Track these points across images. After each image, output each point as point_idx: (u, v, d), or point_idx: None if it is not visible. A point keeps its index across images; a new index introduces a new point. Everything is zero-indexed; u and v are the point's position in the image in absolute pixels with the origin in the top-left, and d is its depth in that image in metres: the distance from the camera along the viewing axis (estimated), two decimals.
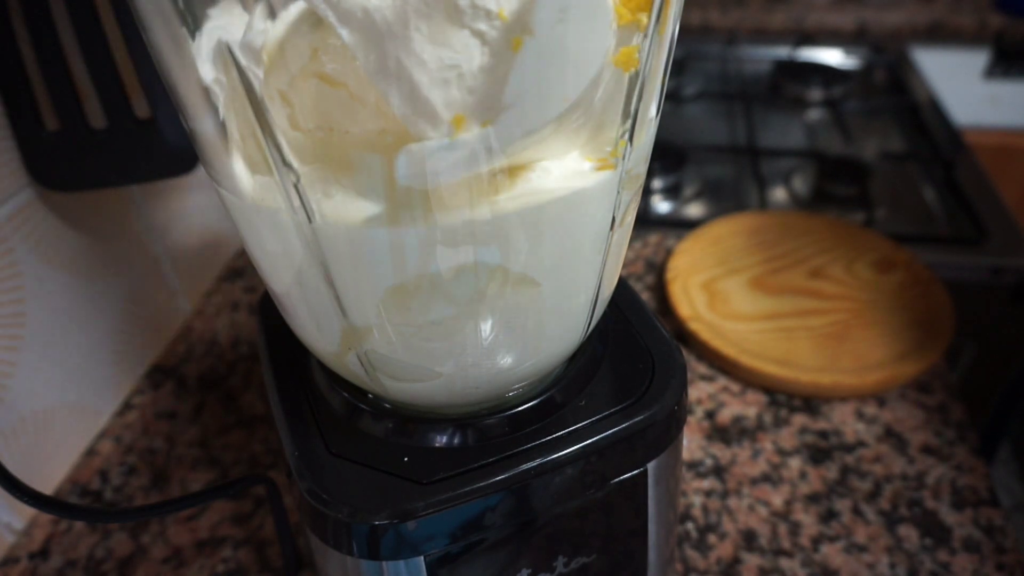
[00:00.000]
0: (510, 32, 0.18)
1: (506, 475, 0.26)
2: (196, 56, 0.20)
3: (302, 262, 0.23)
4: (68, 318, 0.48)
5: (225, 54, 0.19)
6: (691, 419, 0.52)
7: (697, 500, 0.46)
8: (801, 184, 0.82)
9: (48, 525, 0.46)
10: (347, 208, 0.21)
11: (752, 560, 0.42)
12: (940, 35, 1.20)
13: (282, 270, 0.24)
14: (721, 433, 0.51)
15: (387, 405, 0.29)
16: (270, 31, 0.21)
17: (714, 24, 1.25)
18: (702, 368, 0.56)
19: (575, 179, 0.22)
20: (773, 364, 0.53)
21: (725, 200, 0.82)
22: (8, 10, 0.38)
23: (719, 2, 1.29)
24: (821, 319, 0.57)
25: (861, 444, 0.49)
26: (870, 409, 0.52)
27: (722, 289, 0.61)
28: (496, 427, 0.28)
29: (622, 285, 0.35)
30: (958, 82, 1.24)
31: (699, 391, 0.54)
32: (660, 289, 0.64)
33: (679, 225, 0.76)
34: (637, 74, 0.21)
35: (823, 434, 0.50)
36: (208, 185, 0.63)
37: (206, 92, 0.20)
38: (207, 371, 0.57)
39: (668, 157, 0.84)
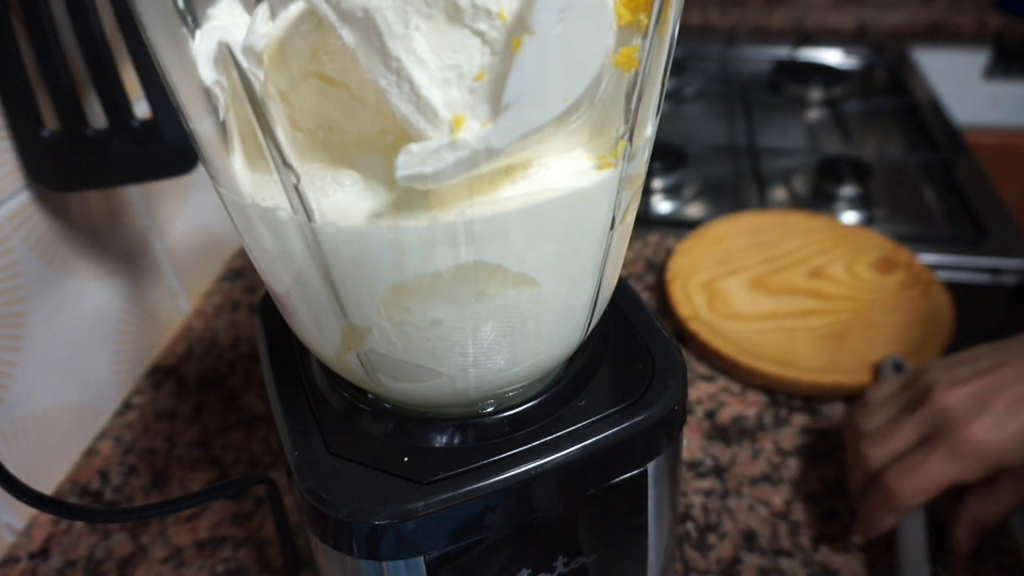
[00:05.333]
0: (510, 32, 0.18)
1: (506, 475, 0.26)
2: (196, 57, 0.20)
3: (302, 262, 0.23)
4: (68, 318, 0.48)
5: (226, 55, 0.19)
6: (691, 419, 0.52)
7: (697, 500, 0.46)
8: (801, 184, 0.82)
9: (48, 525, 0.46)
10: (347, 208, 0.21)
11: (752, 560, 0.42)
12: (940, 35, 1.20)
13: (282, 270, 0.24)
14: (721, 433, 0.51)
15: (387, 405, 0.29)
16: (270, 31, 0.21)
17: (714, 24, 1.25)
18: (702, 368, 0.56)
19: (575, 179, 0.22)
20: (773, 364, 0.53)
21: (725, 200, 0.82)
22: (8, 10, 0.38)
23: (719, 2, 1.29)
24: (821, 319, 0.57)
25: None
26: None
27: (722, 289, 0.61)
28: (496, 427, 0.28)
29: (622, 285, 0.35)
30: (958, 82, 1.24)
31: (699, 391, 0.54)
32: (660, 289, 0.64)
33: (679, 225, 0.76)
34: (637, 74, 0.21)
35: (823, 434, 0.50)
36: (208, 185, 0.63)
37: (206, 93, 0.20)
38: (207, 371, 0.57)
39: (668, 157, 0.84)
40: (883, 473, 0.39)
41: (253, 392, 0.55)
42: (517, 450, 0.27)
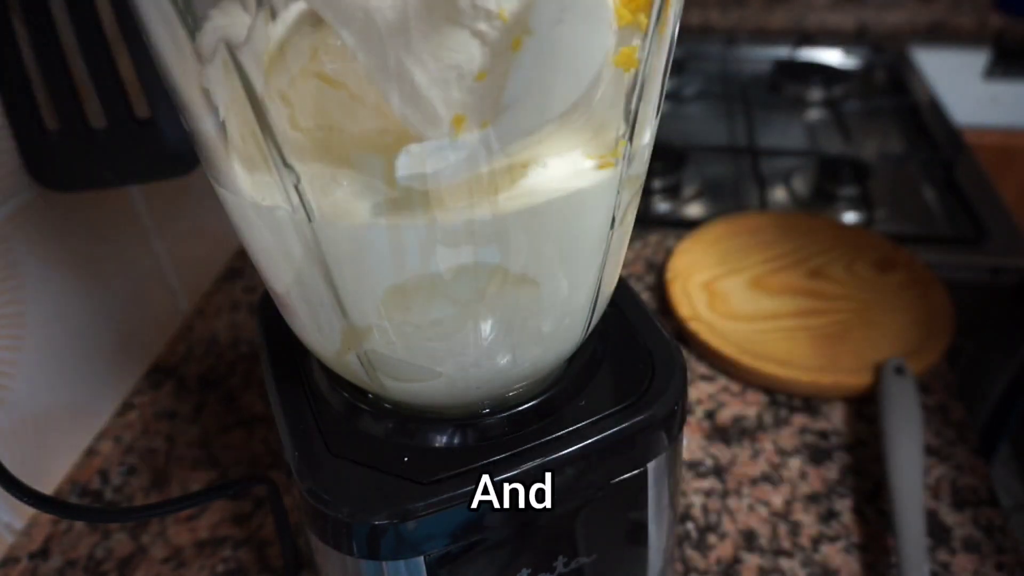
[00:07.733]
0: (510, 32, 0.18)
1: (506, 475, 0.26)
2: (196, 57, 0.20)
3: (302, 262, 0.23)
4: (68, 318, 0.48)
5: (226, 56, 0.19)
6: (691, 419, 0.52)
7: (697, 500, 0.46)
8: (801, 184, 0.82)
9: (48, 525, 0.46)
10: (347, 208, 0.21)
11: (752, 560, 0.42)
12: (940, 35, 1.20)
13: (282, 270, 0.24)
14: (721, 433, 0.51)
15: (387, 405, 0.29)
16: (270, 31, 0.21)
17: (714, 24, 1.25)
18: (702, 368, 0.56)
19: (575, 179, 0.22)
20: (773, 364, 0.53)
21: (725, 200, 0.82)
22: (8, 10, 0.38)
23: (719, 2, 1.29)
24: (821, 319, 0.57)
25: (861, 444, 0.49)
26: (870, 409, 0.52)
27: (722, 289, 0.61)
28: (496, 427, 0.28)
29: (622, 285, 0.35)
30: (958, 82, 1.24)
31: (699, 391, 0.54)
32: (660, 289, 0.64)
33: (679, 225, 0.76)
34: (637, 74, 0.21)
35: (823, 434, 0.50)
36: (208, 185, 0.63)
37: (206, 93, 0.20)
38: (207, 371, 0.57)
39: (668, 157, 0.84)
40: None
41: (253, 392, 0.55)
42: (517, 450, 0.27)
